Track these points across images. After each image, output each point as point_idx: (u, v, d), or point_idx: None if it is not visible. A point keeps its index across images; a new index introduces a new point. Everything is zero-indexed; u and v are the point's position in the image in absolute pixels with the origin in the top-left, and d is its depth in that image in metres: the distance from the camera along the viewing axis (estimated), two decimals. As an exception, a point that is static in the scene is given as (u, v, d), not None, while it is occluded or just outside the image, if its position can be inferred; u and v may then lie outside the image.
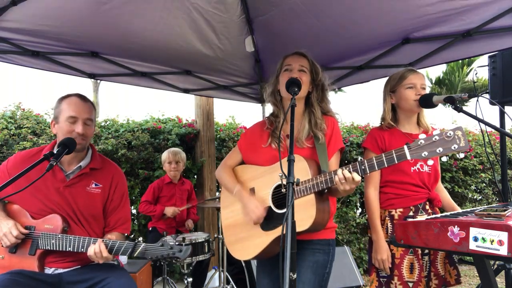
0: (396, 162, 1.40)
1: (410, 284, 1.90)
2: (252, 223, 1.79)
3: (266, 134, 1.94)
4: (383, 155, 1.43)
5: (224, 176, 2.00)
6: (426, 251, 1.96)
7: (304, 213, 1.58)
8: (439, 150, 1.32)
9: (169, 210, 3.55)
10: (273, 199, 1.75)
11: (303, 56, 1.90)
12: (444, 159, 5.40)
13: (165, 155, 3.76)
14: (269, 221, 1.75)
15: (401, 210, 2.01)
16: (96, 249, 1.76)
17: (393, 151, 1.41)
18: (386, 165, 1.42)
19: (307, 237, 1.75)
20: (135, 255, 1.77)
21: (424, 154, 1.34)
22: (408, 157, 1.37)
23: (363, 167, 1.48)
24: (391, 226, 2.01)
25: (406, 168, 2.02)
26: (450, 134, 1.31)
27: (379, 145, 2.06)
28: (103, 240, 1.79)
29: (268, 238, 1.72)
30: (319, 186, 1.56)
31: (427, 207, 2.02)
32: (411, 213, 1.99)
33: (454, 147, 1.30)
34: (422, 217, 1.69)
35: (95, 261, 1.80)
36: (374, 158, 1.45)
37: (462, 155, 1.56)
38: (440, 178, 2.15)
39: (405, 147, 1.38)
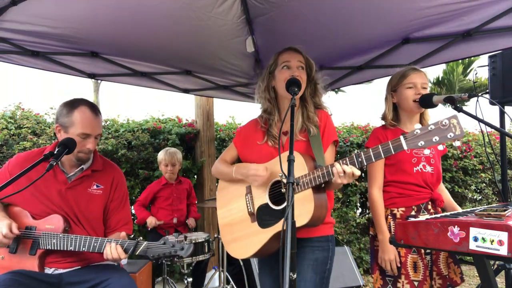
0: (393, 152, 1.39)
1: (416, 283, 1.90)
2: (249, 221, 1.79)
3: (261, 132, 1.93)
4: (380, 146, 1.42)
5: (220, 166, 2.00)
6: (428, 250, 1.95)
7: (302, 208, 1.58)
8: (435, 139, 1.32)
9: (150, 220, 3.51)
10: (270, 195, 1.75)
11: (298, 52, 1.88)
12: (446, 159, 5.39)
13: (161, 156, 3.72)
14: (266, 217, 1.74)
15: (403, 209, 2.01)
16: (112, 251, 1.75)
17: (390, 142, 1.40)
18: (383, 156, 1.41)
19: (306, 234, 1.75)
20: (137, 253, 1.76)
21: (421, 144, 1.34)
22: (405, 147, 1.37)
23: (360, 159, 1.47)
24: (393, 224, 2.00)
25: (408, 168, 2.01)
26: (445, 122, 1.30)
27: None
28: (109, 240, 1.79)
29: (266, 235, 1.71)
30: (317, 180, 1.55)
31: (429, 207, 2.02)
32: (413, 213, 1.99)
33: (450, 135, 1.29)
34: (423, 217, 1.68)
35: (110, 261, 1.80)
36: (371, 150, 1.44)
37: (458, 143, 1.53)
38: (441, 178, 2.15)
39: (401, 137, 1.38)
